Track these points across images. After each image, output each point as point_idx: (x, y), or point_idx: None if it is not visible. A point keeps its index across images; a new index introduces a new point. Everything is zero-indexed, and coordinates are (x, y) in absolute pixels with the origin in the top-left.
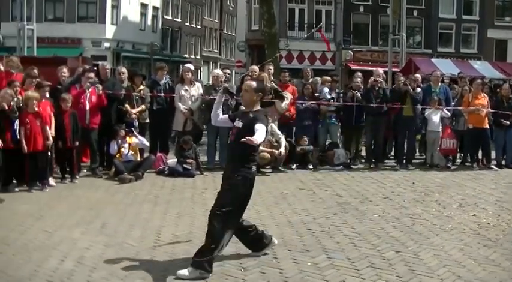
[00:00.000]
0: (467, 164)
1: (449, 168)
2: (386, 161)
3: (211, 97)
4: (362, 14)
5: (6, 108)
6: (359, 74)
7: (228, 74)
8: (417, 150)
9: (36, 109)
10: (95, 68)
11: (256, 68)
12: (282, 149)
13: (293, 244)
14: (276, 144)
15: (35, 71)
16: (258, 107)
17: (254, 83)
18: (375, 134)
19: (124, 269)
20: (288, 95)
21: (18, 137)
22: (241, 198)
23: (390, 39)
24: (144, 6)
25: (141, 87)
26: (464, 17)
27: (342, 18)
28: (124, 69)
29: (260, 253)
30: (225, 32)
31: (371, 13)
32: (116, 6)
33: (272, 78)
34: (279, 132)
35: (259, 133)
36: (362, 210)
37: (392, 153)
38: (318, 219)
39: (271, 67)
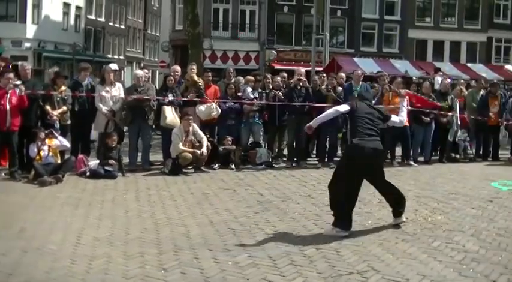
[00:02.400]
0: (387, 160)
1: None
2: (308, 159)
3: (133, 97)
4: (286, 14)
5: None
6: (284, 74)
7: (146, 73)
8: (339, 148)
9: None
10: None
11: (178, 68)
12: (204, 149)
13: (214, 244)
14: (198, 144)
15: None
16: None
17: None
18: (297, 133)
19: (42, 275)
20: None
21: None
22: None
23: (313, 39)
24: (66, 5)
25: (63, 88)
26: (386, 17)
27: (266, 18)
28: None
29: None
30: (149, 32)
31: (295, 13)
32: (37, 5)
33: (196, 78)
34: (201, 132)
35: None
36: (283, 208)
37: (314, 152)
38: (240, 219)
39: (194, 66)
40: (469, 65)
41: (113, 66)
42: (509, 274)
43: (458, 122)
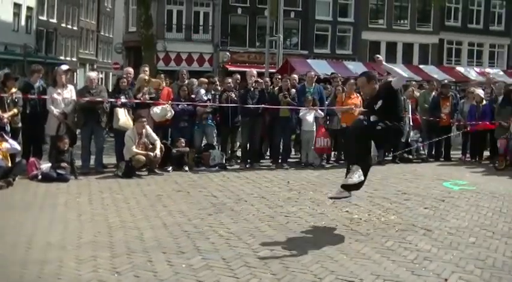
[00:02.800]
0: (341, 162)
1: (324, 166)
2: (261, 160)
3: (85, 100)
4: (240, 15)
5: None
6: (237, 76)
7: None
8: (292, 149)
9: None
10: None
11: (131, 69)
12: (157, 151)
13: (168, 246)
14: (151, 146)
15: None
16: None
17: (363, 78)
18: (251, 135)
19: None
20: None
21: None
22: None
23: (267, 41)
24: (17, 6)
25: (13, 90)
26: (339, 19)
27: (220, 19)
28: None
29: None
30: (102, 33)
31: (249, 15)
32: None
33: (147, 78)
34: (154, 134)
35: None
36: (237, 210)
37: (268, 153)
38: (193, 221)
39: (147, 68)
40: (421, 66)
41: (64, 67)
42: (461, 272)
43: (411, 123)
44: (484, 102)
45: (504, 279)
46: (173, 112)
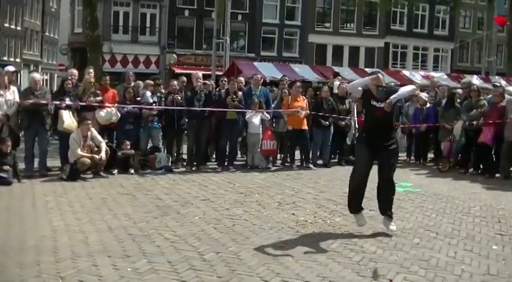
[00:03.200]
0: (287, 164)
1: (270, 169)
2: (208, 163)
3: (30, 101)
4: (187, 17)
5: None
6: (184, 78)
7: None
8: (238, 152)
9: None
10: None
11: (75, 71)
12: (103, 154)
13: (113, 250)
14: (96, 149)
15: None
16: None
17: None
18: (198, 137)
19: None
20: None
21: None
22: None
23: (214, 43)
24: None
25: None
26: (286, 22)
27: (167, 21)
28: None
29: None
30: (47, 34)
31: (196, 17)
32: None
33: (92, 81)
34: (99, 137)
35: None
36: (183, 213)
37: (214, 156)
38: (139, 224)
39: (91, 70)
40: (367, 69)
41: (11, 68)
42: (405, 273)
43: (357, 126)
44: (428, 105)
45: (447, 279)
46: (119, 115)
